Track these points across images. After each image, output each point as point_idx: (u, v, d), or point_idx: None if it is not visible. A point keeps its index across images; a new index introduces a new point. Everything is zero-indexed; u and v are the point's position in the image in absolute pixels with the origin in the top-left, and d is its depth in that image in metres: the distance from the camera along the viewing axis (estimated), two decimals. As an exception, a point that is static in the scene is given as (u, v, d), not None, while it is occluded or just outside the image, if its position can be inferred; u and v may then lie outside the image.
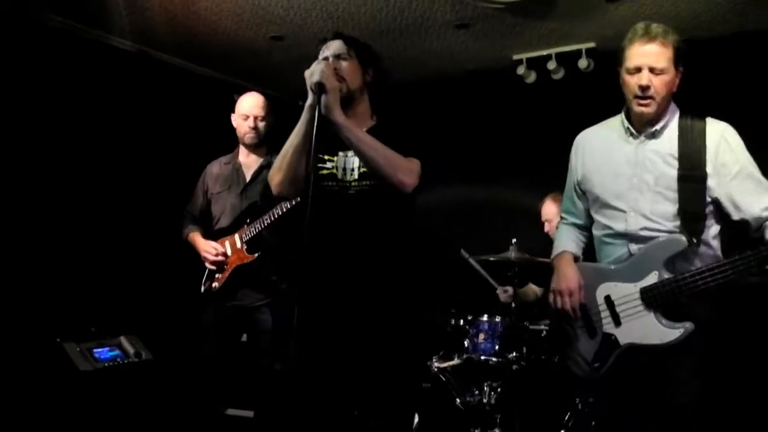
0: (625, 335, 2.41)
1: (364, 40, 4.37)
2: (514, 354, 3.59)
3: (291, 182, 2.39)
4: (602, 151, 2.56)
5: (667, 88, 2.35)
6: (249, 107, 3.63)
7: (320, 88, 2.20)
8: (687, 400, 2.31)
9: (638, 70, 2.33)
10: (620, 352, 2.41)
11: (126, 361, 3.82)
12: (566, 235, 2.73)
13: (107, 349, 3.82)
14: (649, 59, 2.31)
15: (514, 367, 3.57)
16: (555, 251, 2.72)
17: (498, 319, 3.69)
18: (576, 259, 2.66)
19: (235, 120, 3.68)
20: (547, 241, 3.93)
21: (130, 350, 3.88)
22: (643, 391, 2.38)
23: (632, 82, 2.36)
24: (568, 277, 2.54)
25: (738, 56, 4.33)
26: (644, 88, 2.33)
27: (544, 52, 4.81)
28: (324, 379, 2.36)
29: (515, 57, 4.90)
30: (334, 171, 2.44)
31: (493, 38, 4.58)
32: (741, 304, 2.72)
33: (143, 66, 4.67)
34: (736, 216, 2.34)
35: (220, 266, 3.56)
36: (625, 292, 2.41)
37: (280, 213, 3.36)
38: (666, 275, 2.33)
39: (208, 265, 3.59)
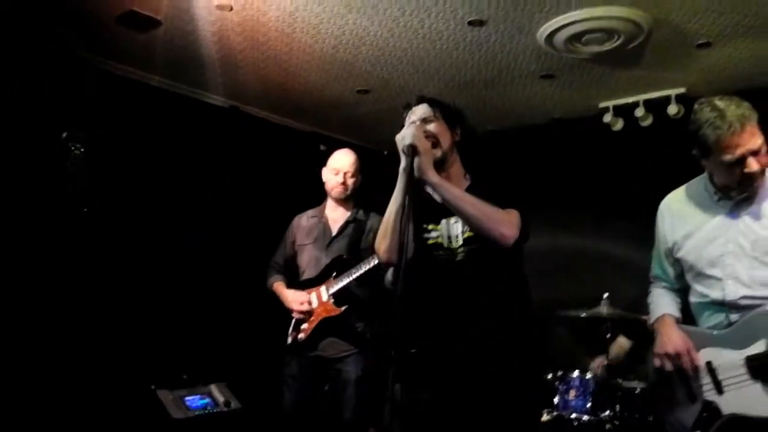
0: (728, 404, 2.28)
1: (449, 92, 4.50)
2: (608, 412, 3.46)
3: (398, 249, 2.35)
4: (692, 217, 2.48)
5: (765, 160, 2.28)
6: (340, 163, 3.75)
7: (412, 150, 2.23)
8: None
9: (741, 159, 2.24)
10: (723, 422, 2.28)
11: (216, 410, 3.89)
12: (662, 298, 2.64)
13: (198, 397, 3.91)
14: (749, 145, 2.22)
15: (607, 426, 3.44)
16: (653, 315, 2.61)
17: (589, 375, 3.58)
18: (677, 321, 2.55)
19: (326, 174, 3.80)
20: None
21: (220, 399, 3.95)
22: None
23: (737, 171, 2.26)
24: (674, 338, 2.43)
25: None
26: (752, 174, 2.26)
27: (632, 99, 4.74)
28: None
29: (601, 105, 4.85)
30: (440, 240, 2.44)
31: (579, 87, 4.55)
32: None
33: (234, 120, 4.86)
34: None
35: (306, 317, 3.63)
36: (729, 359, 2.29)
37: (369, 268, 3.43)
38: None
39: (294, 315, 3.66)
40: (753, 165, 2.22)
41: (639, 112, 4.70)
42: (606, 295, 3.62)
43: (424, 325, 2.40)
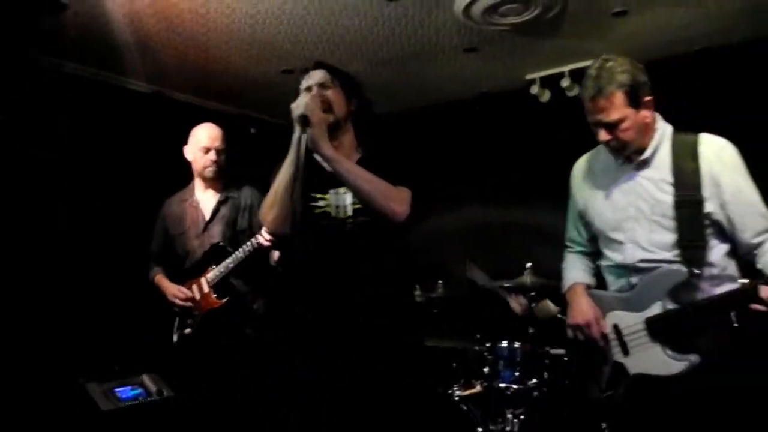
0: (633, 365, 2.35)
1: (373, 68, 4.45)
2: (535, 380, 3.51)
3: (285, 219, 2.34)
4: (598, 181, 2.52)
5: (630, 134, 2.30)
6: (210, 139, 3.50)
7: (304, 121, 2.19)
8: (699, 426, 2.23)
9: (595, 125, 2.32)
10: (630, 380, 2.35)
11: (148, 400, 3.82)
12: (574, 264, 2.68)
13: (129, 387, 3.83)
14: (599, 116, 2.28)
15: (535, 393, 3.49)
16: (565, 284, 2.66)
17: (517, 344, 3.62)
18: (588, 287, 2.59)
19: (192, 152, 3.55)
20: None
21: (152, 388, 3.88)
22: (656, 418, 2.31)
23: (598, 135, 2.34)
24: (583, 309, 2.48)
25: (754, 64, 4.22)
26: (606, 143, 2.34)
27: (557, 70, 4.76)
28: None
29: (528, 76, 4.86)
30: (328, 209, 2.41)
31: (504, 59, 4.55)
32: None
33: (159, 106, 4.75)
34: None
35: (189, 311, 3.51)
36: (632, 322, 2.36)
37: (243, 256, 3.31)
38: (670, 305, 2.27)
39: (177, 307, 3.55)
40: (602, 136, 2.31)
41: (565, 82, 4.72)
42: (529, 264, 3.66)
43: (310, 293, 2.36)
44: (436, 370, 3.97)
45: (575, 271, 2.64)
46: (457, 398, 3.68)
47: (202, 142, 3.51)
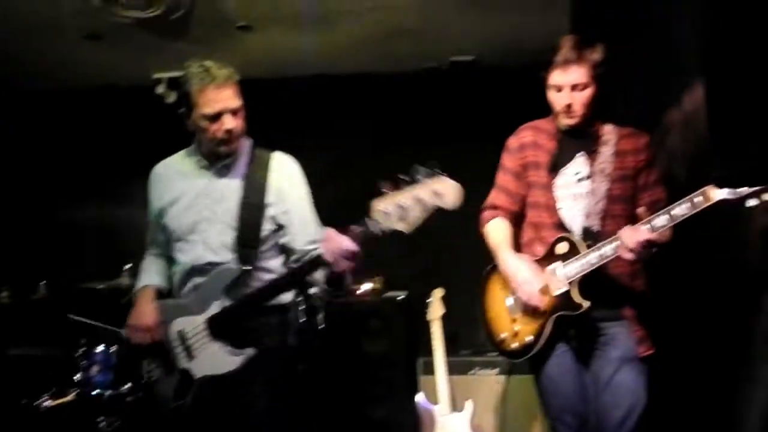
0: (198, 368, 2.36)
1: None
2: (129, 384, 3.40)
3: None
4: (177, 183, 2.52)
5: (243, 123, 2.40)
6: None
7: None
8: (264, 415, 2.34)
9: (219, 114, 2.31)
10: (197, 385, 2.36)
11: None
12: (150, 266, 2.64)
13: None
14: (230, 101, 2.31)
15: (129, 398, 3.39)
16: (137, 285, 2.60)
17: (113, 348, 3.49)
18: (162, 291, 2.56)
19: None
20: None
21: None
22: (227, 417, 2.37)
23: (215, 127, 2.33)
24: (145, 313, 2.44)
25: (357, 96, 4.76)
26: (230, 132, 2.34)
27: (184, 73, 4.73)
28: None
29: (156, 75, 4.73)
30: None
31: (130, 54, 4.39)
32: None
33: None
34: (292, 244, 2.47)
35: None
36: (194, 324, 2.36)
37: None
38: (228, 303, 2.34)
39: None
40: (229, 122, 2.31)
41: (161, 88, 4.70)
42: (129, 265, 3.55)
43: None
44: (25, 381, 3.64)
45: (149, 273, 2.62)
46: (44, 409, 3.41)
47: None
